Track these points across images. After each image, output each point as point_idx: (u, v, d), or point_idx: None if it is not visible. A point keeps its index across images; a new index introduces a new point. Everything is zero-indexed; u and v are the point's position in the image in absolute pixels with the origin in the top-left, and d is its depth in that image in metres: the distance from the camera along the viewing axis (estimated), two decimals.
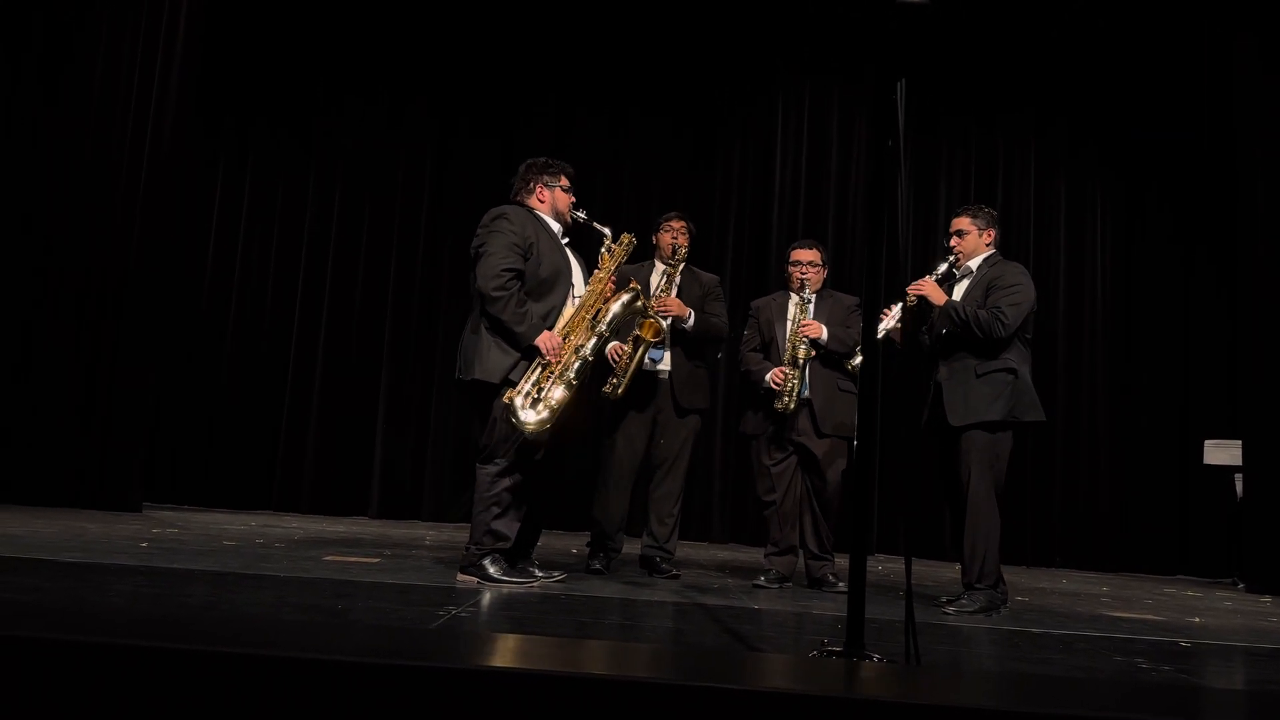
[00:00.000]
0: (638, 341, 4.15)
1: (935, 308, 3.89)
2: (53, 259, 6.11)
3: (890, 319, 3.81)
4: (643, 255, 4.44)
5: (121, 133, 6.29)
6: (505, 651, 1.96)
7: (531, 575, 3.62)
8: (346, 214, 7.62)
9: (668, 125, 7.75)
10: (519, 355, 3.54)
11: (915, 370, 4.13)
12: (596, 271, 3.82)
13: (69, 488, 5.90)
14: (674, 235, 4.51)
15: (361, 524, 6.63)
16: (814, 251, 4.47)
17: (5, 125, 6.18)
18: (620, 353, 4.21)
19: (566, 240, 3.86)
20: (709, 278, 4.60)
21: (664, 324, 4.21)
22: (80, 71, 6.31)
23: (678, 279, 4.44)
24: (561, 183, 3.84)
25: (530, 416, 3.43)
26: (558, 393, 3.48)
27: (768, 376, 4.28)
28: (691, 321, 4.34)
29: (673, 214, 4.66)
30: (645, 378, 4.30)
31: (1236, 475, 6.46)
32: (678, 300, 4.33)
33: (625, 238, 3.91)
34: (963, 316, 3.79)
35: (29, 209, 6.14)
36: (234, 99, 7.64)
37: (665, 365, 4.35)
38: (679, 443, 4.37)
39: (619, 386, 4.18)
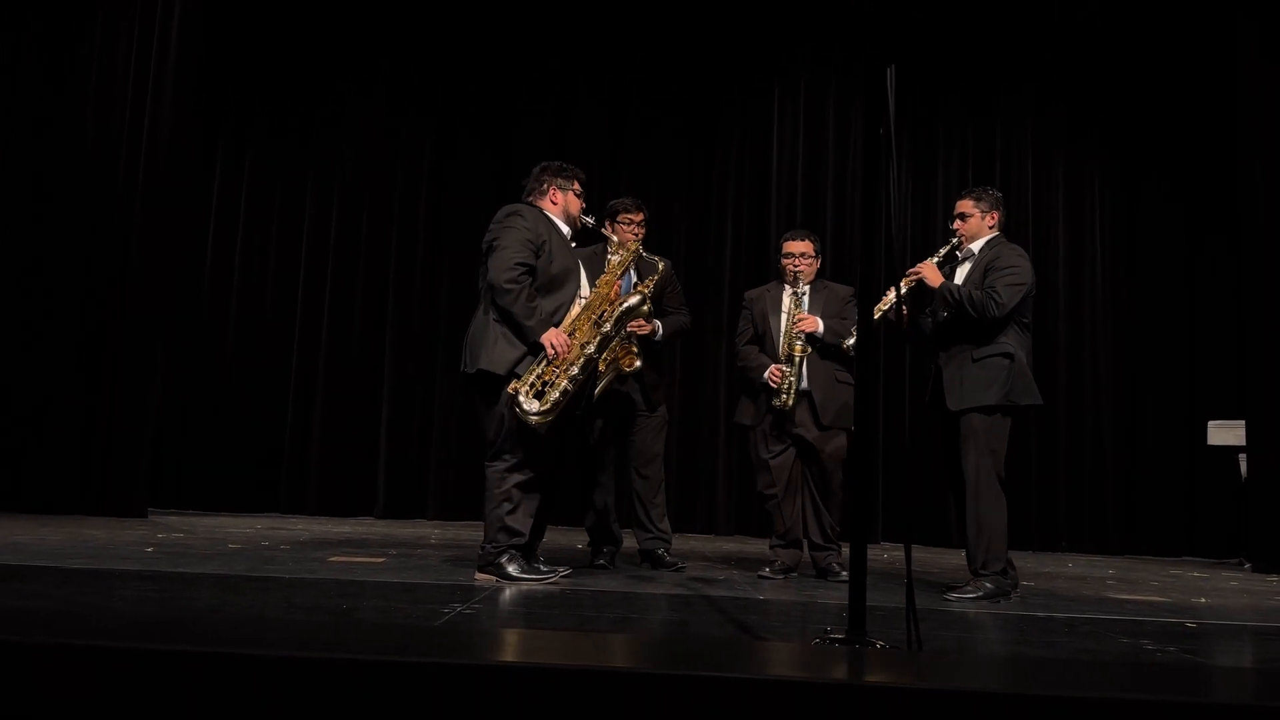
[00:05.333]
0: (618, 373, 4.08)
1: (933, 290, 3.89)
2: (53, 262, 6.11)
3: (885, 303, 3.80)
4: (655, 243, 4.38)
5: (119, 134, 6.29)
6: (510, 647, 1.97)
7: (543, 572, 3.63)
8: (345, 213, 7.61)
9: (665, 117, 7.72)
10: (525, 350, 3.56)
11: (917, 354, 4.13)
12: (603, 275, 3.90)
13: (74, 495, 5.90)
14: (635, 229, 4.35)
15: (367, 524, 6.64)
16: (806, 243, 4.40)
17: (3, 128, 6.18)
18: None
19: (574, 244, 3.92)
20: (661, 263, 4.33)
21: (637, 361, 4.14)
22: (77, 72, 6.31)
23: (634, 276, 4.27)
24: (575, 187, 3.88)
25: (534, 406, 3.46)
26: (561, 387, 3.51)
27: (765, 374, 4.24)
28: (660, 334, 4.33)
29: (629, 202, 4.45)
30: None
31: (1241, 455, 6.45)
32: (645, 323, 4.22)
33: (632, 244, 4.11)
34: (956, 298, 3.78)
35: (28, 212, 6.14)
36: (231, 99, 7.63)
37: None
38: (652, 435, 4.40)
39: (592, 398, 4.05)
